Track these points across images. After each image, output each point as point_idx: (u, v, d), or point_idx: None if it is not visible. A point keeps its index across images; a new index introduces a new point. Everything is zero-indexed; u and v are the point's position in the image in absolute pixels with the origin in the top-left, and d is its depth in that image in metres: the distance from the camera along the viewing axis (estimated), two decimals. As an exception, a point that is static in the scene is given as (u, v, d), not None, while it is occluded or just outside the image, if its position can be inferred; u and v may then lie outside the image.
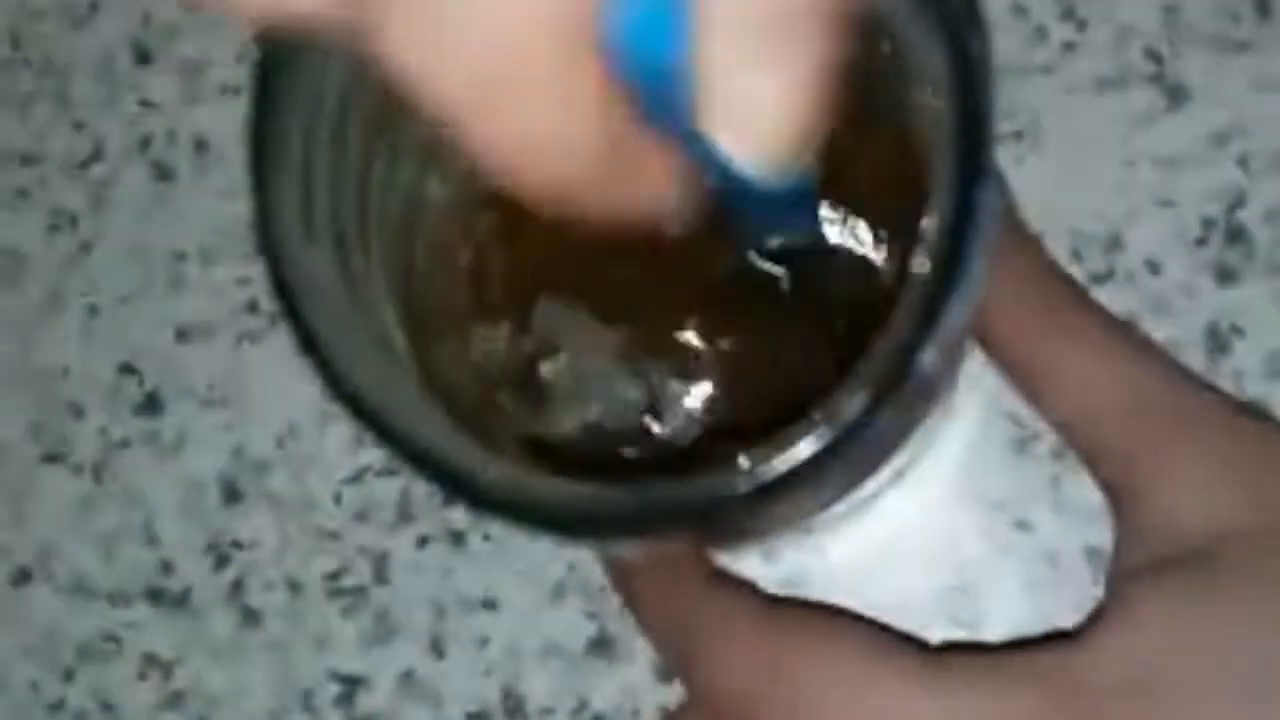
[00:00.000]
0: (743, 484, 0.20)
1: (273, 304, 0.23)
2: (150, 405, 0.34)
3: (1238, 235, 0.31)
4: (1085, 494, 0.31)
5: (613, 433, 0.27)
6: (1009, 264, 0.30)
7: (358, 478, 0.33)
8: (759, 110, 0.15)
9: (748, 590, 0.30)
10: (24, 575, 0.34)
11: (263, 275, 0.22)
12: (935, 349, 0.20)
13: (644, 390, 0.28)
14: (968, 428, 0.32)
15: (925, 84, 0.21)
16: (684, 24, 0.15)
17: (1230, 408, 0.29)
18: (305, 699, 0.33)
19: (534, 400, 0.28)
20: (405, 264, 0.26)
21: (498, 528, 0.32)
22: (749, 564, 0.31)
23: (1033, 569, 0.31)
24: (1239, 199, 0.31)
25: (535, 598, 0.33)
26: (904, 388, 0.20)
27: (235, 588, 0.34)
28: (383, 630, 0.33)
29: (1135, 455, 0.28)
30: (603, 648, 0.32)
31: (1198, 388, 0.29)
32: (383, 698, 0.33)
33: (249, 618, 0.33)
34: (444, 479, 0.22)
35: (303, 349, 0.22)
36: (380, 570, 0.33)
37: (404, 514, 0.33)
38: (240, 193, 0.22)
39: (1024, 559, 0.31)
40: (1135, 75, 0.32)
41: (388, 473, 0.33)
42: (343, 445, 0.33)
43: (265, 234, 0.22)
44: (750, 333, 0.27)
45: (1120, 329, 0.30)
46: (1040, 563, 0.31)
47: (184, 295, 0.35)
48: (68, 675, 0.34)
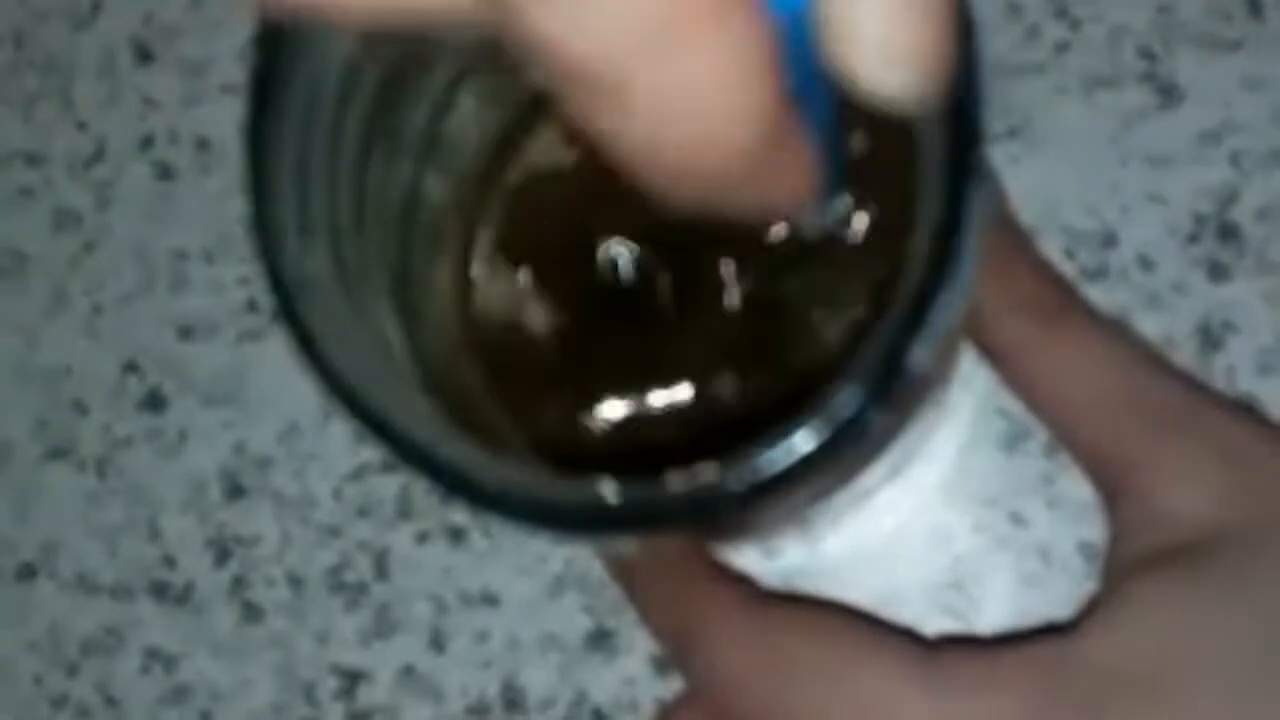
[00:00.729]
0: (737, 481, 0.20)
1: (273, 302, 0.23)
2: (153, 402, 0.35)
3: (1230, 232, 0.31)
4: (1079, 490, 0.31)
5: (611, 428, 0.28)
6: (1001, 261, 0.30)
7: (358, 474, 0.34)
8: (876, 28, 0.14)
9: (745, 584, 0.30)
10: (28, 571, 0.35)
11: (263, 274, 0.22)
12: (927, 346, 0.20)
13: (641, 382, 0.28)
14: (961, 424, 0.32)
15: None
16: None
17: (1221, 404, 0.29)
18: (307, 693, 0.33)
19: (533, 396, 0.28)
20: (402, 261, 0.27)
21: (497, 524, 0.32)
22: (747, 558, 0.32)
23: (1026, 564, 0.31)
24: (1231, 196, 0.32)
25: (534, 592, 0.33)
26: (896, 385, 0.20)
27: (237, 583, 0.34)
28: (383, 625, 0.33)
29: (1127, 453, 0.28)
30: (601, 641, 0.33)
31: (1189, 385, 0.29)
32: (384, 691, 0.33)
33: (251, 613, 0.34)
34: (441, 477, 0.22)
35: (299, 347, 0.22)
36: (381, 565, 0.33)
37: (404, 510, 0.33)
38: (242, 192, 0.23)
39: (1018, 554, 0.31)
40: (1128, 74, 0.32)
41: (388, 469, 0.33)
42: (344, 442, 0.33)
43: (261, 232, 0.22)
44: (746, 329, 0.27)
45: (1112, 327, 0.30)
46: (1034, 557, 0.31)
47: (186, 294, 0.35)
48: (71, 670, 0.34)
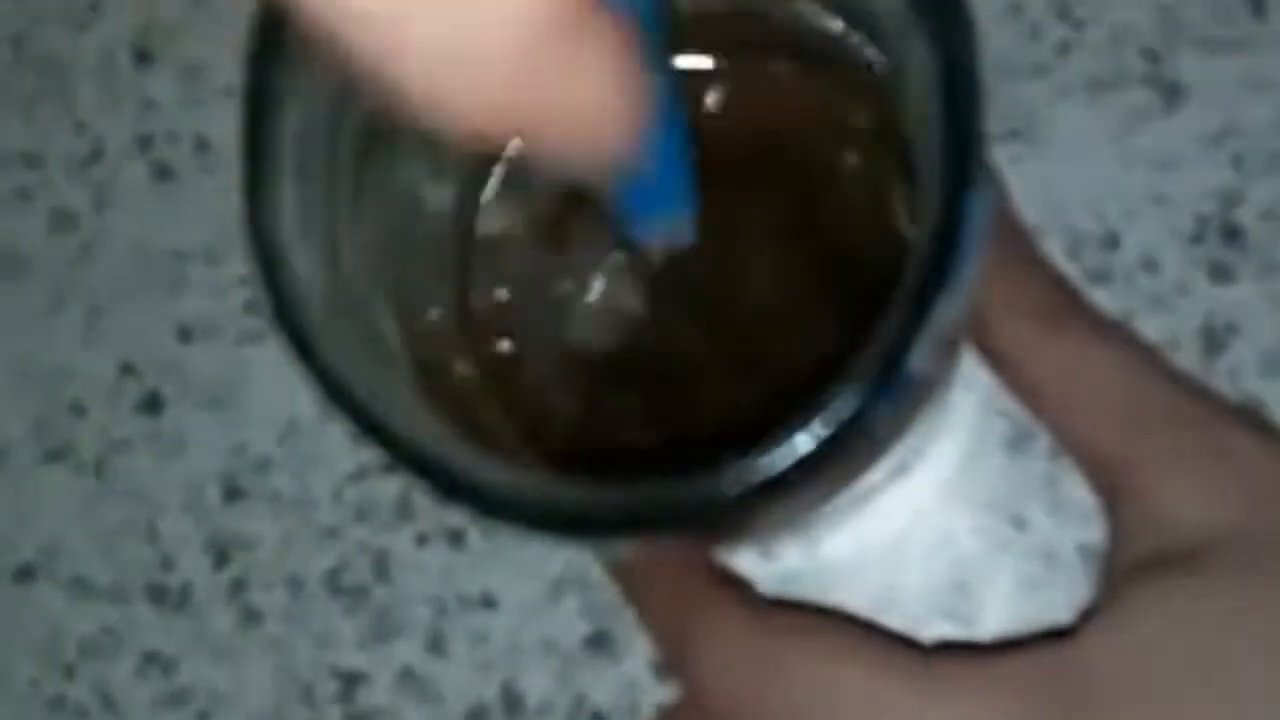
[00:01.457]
0: (736, 483, 0.20)
1: (269, 305, 0.23)
2: (151, 404, 0.35)
3: (1233, 234, 0.31)
4: (1080, 493, 0.31)
5: (608, 431, 0.28)
6: (1004, 263, 0.30)
7: (358, 476, 0.34)
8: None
9: (743, 589, 0.30)
10: (26, 573, 0.35)
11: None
12: (927, 348, 0.20)
13: (640, 385, 0.28)
14: (963, 426, 0.32)
15: (916, 85, 0.21)
16: None
17: (1224, 408, 0.29)
18: (305, 695, 0.33)
19: (533, 401, 0.28)
20: (400, 265, 0.26)
21: (496, 527, 0.32)
22: (746, 561, 0.31)
23: (1028, 567, 0.31)
24: (1234, 198, 0.31)
25: (534, 595, 0.33)
26: (897, 386, 0.20)
27: (236, 585, 0.34)
28: (382, 627, 0.33)
29: (1129, 456, 0.28)
30: (601, 644, 0.32)
31: (1191, 388, 0.29)
32: (382, 694, 0.33)
33: (249, 615, 0.34)
34: (438, 481, 0.22)
35: (295, 351, 0.22)
36: (380, 568, 0.33)
37: (404, 512, 0.33)
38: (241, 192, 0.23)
39: (1019, 557, 0.31)
40: (1131, 75, 0.32)
41: (387, 471, 0.33)
42: (343, 444, 0.33)
43: (257, 235, 0.22)
44: (745, 332, 0.27)
45: (1115, 330, 0.30)
46: (1035, 561, 0.31)
47: (185, 295, 0.35)
48: (69, 672, 0.34)
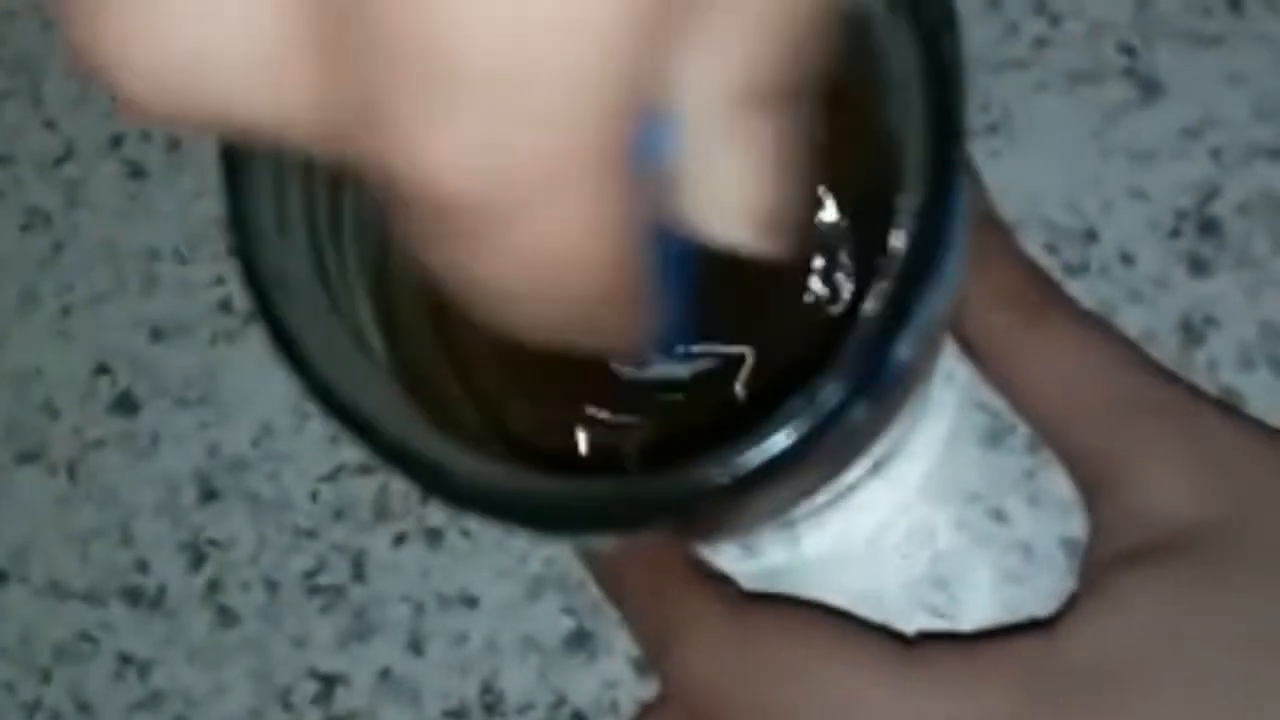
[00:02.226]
0: (718, 477, 0.20)
1: (247, 302, 0.23)
2: (125, 405, 0.34)
3: (1211, 227, 0.31)
4: (1060, 486, 0.31)
5: (594, 428, 0.27)
6: (982, 255, 0.29)
7: (334, 476, 0.33)
8: (729, 189, 0.15)
9: (723, 585, 0.30)
10: (-1, 576, 0.34)
11: (237, 274, 0.22)
12: (910, 343, 0.20)
13: (623, 381, 0.28)
14: (943, 420, 0.32)
15: (899, 78, 0.21)
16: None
17: (1202, 400, 0.29)
18: (283, 698, 0.33)
19: (514, 396, 0.28)
20: (381, 259, 0.26)
21: (476, 524, 0.32)
22: (727, 557, 0.31)
23: (1008, 560, 0.31)
24: (1212, 191, 0.31)
25: (513, 594, 0.33)
26: (879, 381, 0.20)
27: (212, 587, 0.33)
28: (361, 628, 0.33)
29: (1108, 449, 0.28)
30: (581, 643, 0.32)
31: (1170, 381, 0.29)
32: (361, 696, 0.33)
33: (226, 617, 0.33)
34: (419, 475, 0.22)
35: (276, 345, 0.22)
36: (358, 568, 0.33)
37: (381, 512, 0.33)
38: (214, 191, 0.22)
39: (999, 550, 0.31)
40: (1108, 69, 0.32)
41: (364, 470, 0.33)
42: (319, 443, 0.33)
43: (238, 229, 0.22)
44: (729, 328, 0.27)
45: (1093, 323, 0.30)
46: (1016, 554, 0.31)
47: (158, 294, 0.34)
48: (44, 676, 0.34)
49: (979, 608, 0.31)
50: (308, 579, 0.33)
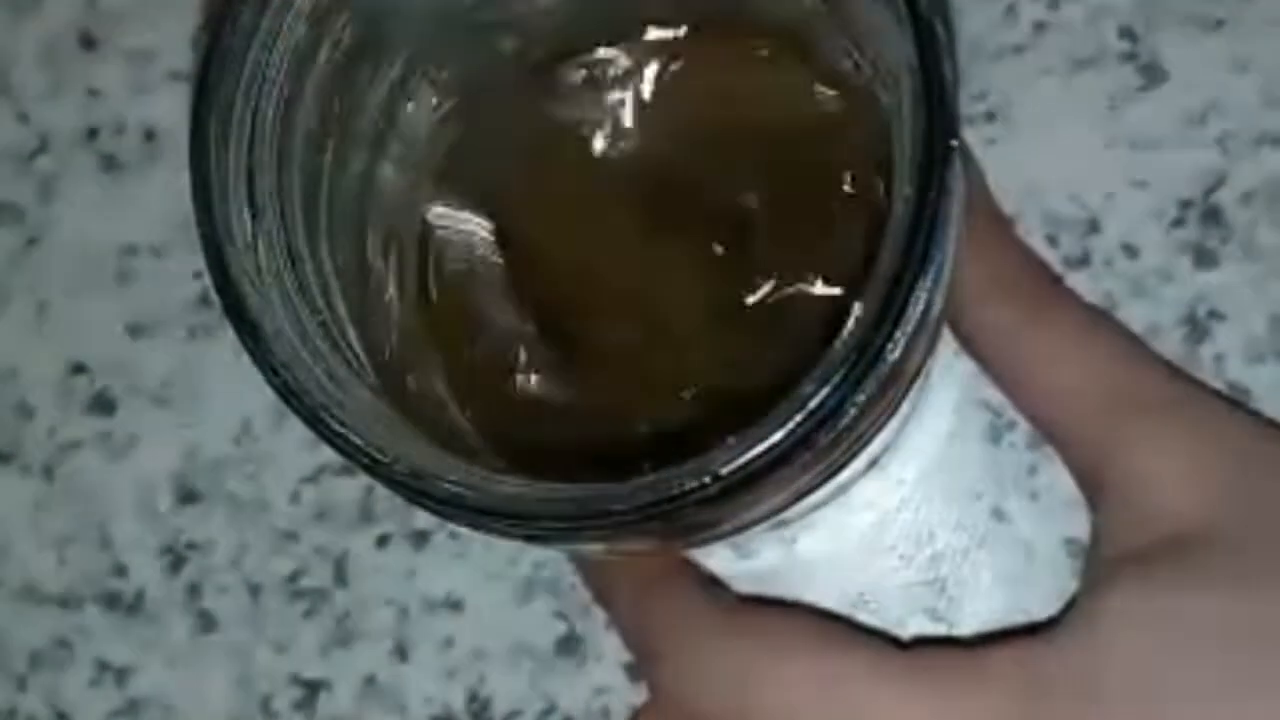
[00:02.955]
0: (704, 479, 0.20)
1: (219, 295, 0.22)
2: (101, 404, 0.34)
3: (1216, 217, 0.31)
4: (1062, 484, 0.30)
5: (579, 428, 0.27)
6: (982, 250, 0.29)
7: (316, 476, 0.33)
8: None
9: (715, 589, 0.29)
10: (-27, 581, 0.34)
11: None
12: (903, 335, 0.19)
13: (609, 380, 0.27)
14: (943, 417, 0.31)
15: (891, 68, 0.21)
16: None
17: (1207, 397, 0.29)
18: (265, 705, 0.32)
19: (496, 398, 0.27)
20: (357, 255, 0.26)
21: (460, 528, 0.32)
22: (720, 559, 0.31)
23: (1009, 561, 0.30)
24: (1217, 180, 0.31)
25: (501, 597, 0.32)
26: (872, 375, 0.19)
27: (191, 591, 0.33)
28: (344, 633, 0.32)
29: (1111, 447, 0.28)
30: (571, 648, 0.32)
31: (1174, 376, 0.29)
32: (345, 702, 0.32)
33: (206, 621, 0.33)
34: (393, 480, 0.21)
35: (245, 342, 0.21)
36: (341, 571, 0.32)
37: (364, 513, 0.32)
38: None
39: (1000, 551, 0.31)
40: (1109, 55, 0.31)
41: (347, 471, 0.32)
42: (300, 443, 0.32)
43: (206, 221, 0.21)
44: (718, 318, 0.26)
45: (1096, 317, 0.30)
46: (1016, 554, 0.30)
47: (135, 290, 0.34)
48: (20, 683, 0.33)
49: (978, 610, 0.30)
50: (289, 582, 0.32)
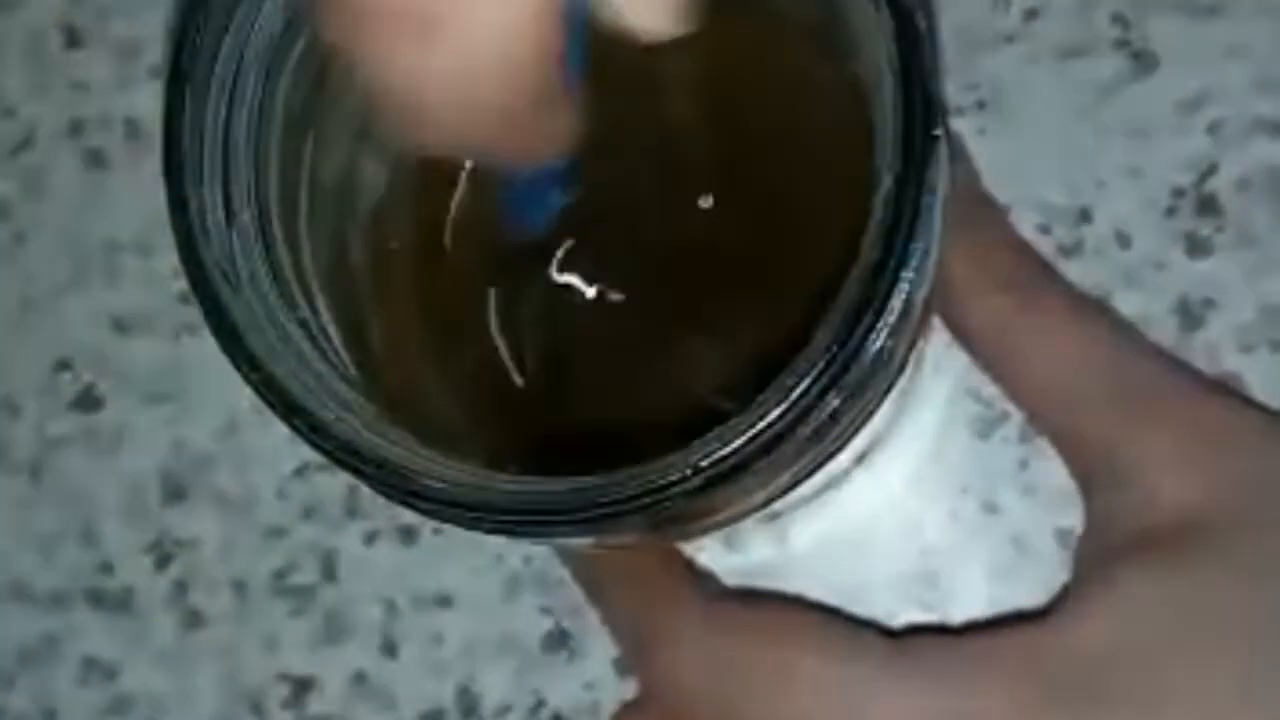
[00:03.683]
0: (686, 471, 0.19)
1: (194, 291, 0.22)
2: (87, 401, 0.33)
3: (1209, 206, 0.30)
4: (1054, 476, 0.30)
5: (567, 425, 0.27)
6: (973, 239, 0.29)
7: (303, 472, 0.32)
8: None
9: (705, 582, 0.29)
10: (-39, 579, 0.33)
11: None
12: (886, 328, 0.19)
13: (597, 376, 0.27)
14: (933, 409, 0.31)
15: (871, 56, 0.20)
16: None
17: (1202, 385, 0.29)
18: (253, 702, 0.32)
19: (484, 394, 0.27)
20: (338, 250, 0.25)
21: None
22: (711, 553, 0.31)
23: (1001, 554, 0.30)
24: (1210, 168, 0.31)
25: (490, 593, 0.32)
26: (853, 366, 0.19)
27: (179, 588, 0.33)
28: (332, 630, 0.32)
29: (1104, 436, 0.28)
30: (561, 643, 0.31)
31: (1168, 365, 0.29)
32: (334, 699, 0.32)
33: (193, 619, 0.32)
34: (372, 476, 0.21)
35: (219, 338, 0.21)
36: (329, 568, 0.32)
37: (352, 509, 0.32)
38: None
39: (992, 543, 0.30)
40: (1101, 42, 0.31)
41: (333, 467, 0.32)
42: (287, 439, 0.32)
43: (179, 214, 0.21)
44: (704, 311, 0.26)
45: (1089, 306, 0.30)
46: (1008, 547, 0.30)
47: (120, 286, 0.33)
48: (8, 682, 0.33)
49: (970, 603, 0.30)
50: (277, 579, 0.32)
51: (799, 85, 0.25)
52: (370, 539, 0.32)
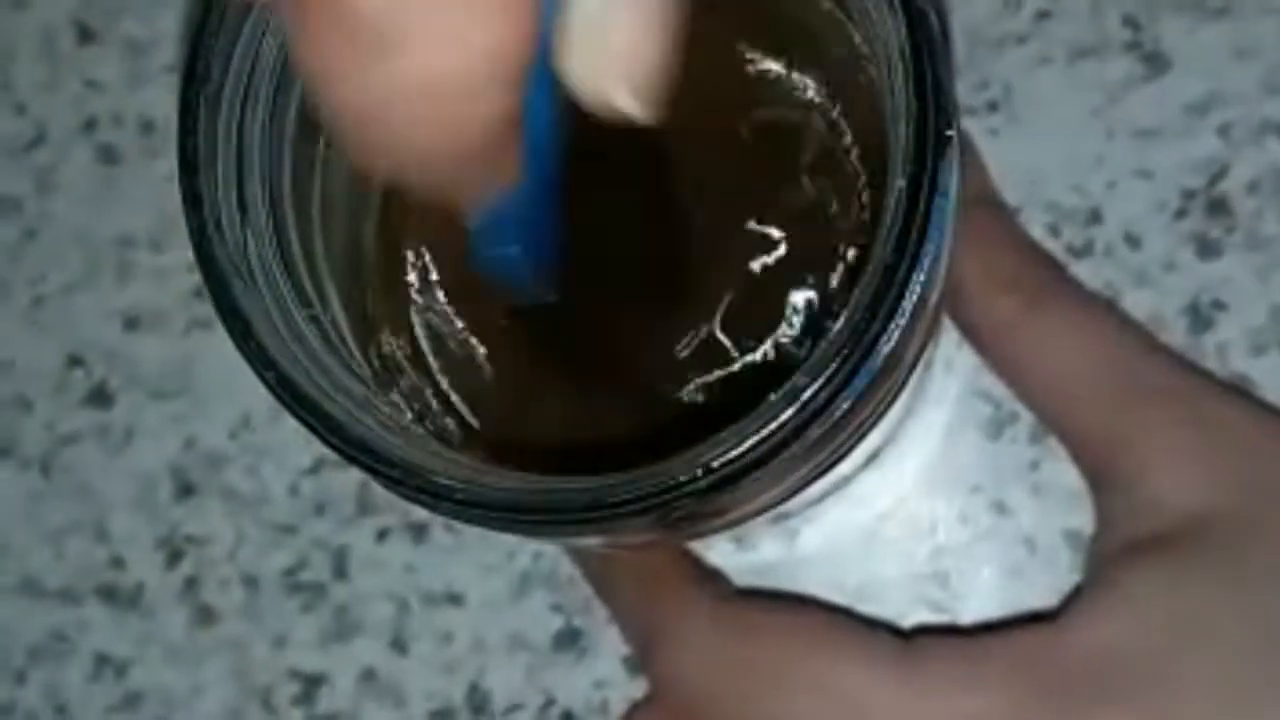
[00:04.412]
0: (696, 471, 0.19)
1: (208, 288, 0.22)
2: (99, 397, 0.33)
3: (1219, 207, 0.30)
4: (1065, 476, 0.30)
5: (577, 426, 0.27)
6: (983, 240, 0.29)
7: (315, 469, 0.32)
8: (612, 48, 0.15)
9: (715, 582, 0.29)
10: (-28, 575, 0.33)
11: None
12: (897, 329, 0.19)
13: (606, 376, 0.27)
14: (944, 410, 0.31)
15: (886, 58, 0.20)
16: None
17: (1212, 386, 0.28)
18: (264, 698, 0.32)
19: (493, 391, 0.27)
20: (351, 247, 0.25)
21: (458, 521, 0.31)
22: (721, 552, 0.31)
23: (1011, 554, 0.30)
24: (1220, 170, 0.30)
25: (500, 591, 0.32)
26: (865, 369, 0.19)
27: (190, 585, 0.33)
28: (343, 627, 0.32)
29: (1115, 436, 0.28)
30: (570, 641, 0.31)
31: (1179, 366, 0.29)
32: (344, 696, 0.32)
33: (204, 615, 0.32)
34: (387, 474, 0.21)
35: (233, 334, 0.21)
36: (339, 565, 0.32)
37: (363, 506, 0.32)
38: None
39: (1002, 544, 0.30)
40: (1112, 43, 0.31)
41: (345, 464, 0.32)
42: (298, 436, 0.32)
43: (193, 210, 0.21)
44: (708, 312, 0.26)
45: (1099, 306, 0.30)
46: (1019, 547, 0.30)
47: (132, 282, 0.33)
48: (19, 677, 0.33)
49: (980, 603, 0.30)
50: (288, 576, 0.32)
51: (817, 87, 0.25)
52: (381, 536, 0.32)
